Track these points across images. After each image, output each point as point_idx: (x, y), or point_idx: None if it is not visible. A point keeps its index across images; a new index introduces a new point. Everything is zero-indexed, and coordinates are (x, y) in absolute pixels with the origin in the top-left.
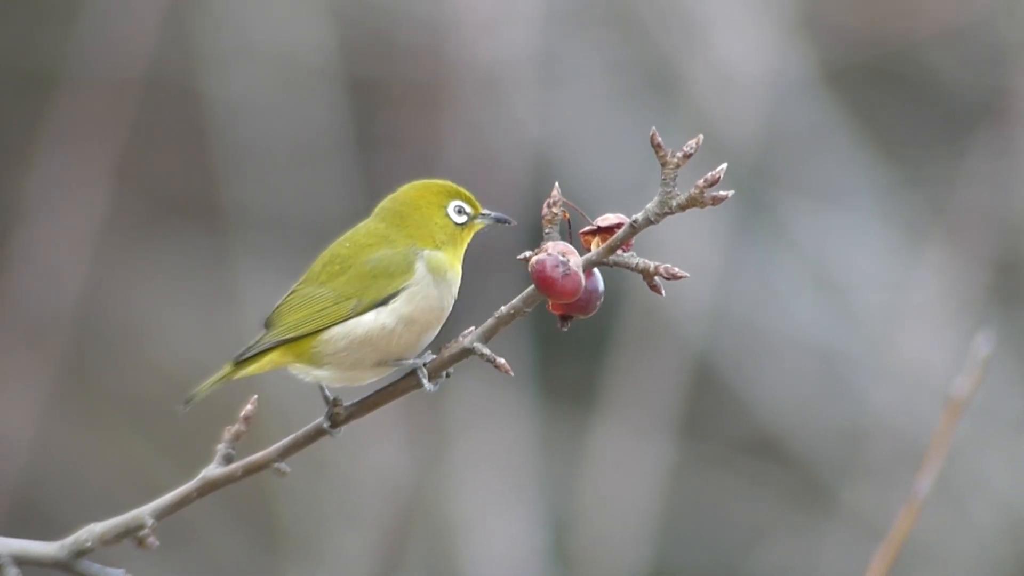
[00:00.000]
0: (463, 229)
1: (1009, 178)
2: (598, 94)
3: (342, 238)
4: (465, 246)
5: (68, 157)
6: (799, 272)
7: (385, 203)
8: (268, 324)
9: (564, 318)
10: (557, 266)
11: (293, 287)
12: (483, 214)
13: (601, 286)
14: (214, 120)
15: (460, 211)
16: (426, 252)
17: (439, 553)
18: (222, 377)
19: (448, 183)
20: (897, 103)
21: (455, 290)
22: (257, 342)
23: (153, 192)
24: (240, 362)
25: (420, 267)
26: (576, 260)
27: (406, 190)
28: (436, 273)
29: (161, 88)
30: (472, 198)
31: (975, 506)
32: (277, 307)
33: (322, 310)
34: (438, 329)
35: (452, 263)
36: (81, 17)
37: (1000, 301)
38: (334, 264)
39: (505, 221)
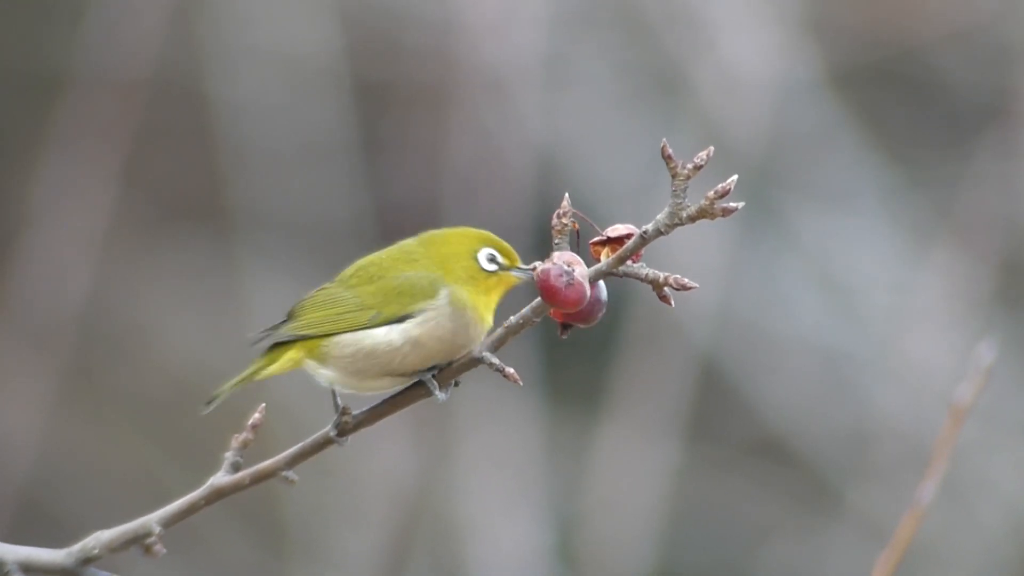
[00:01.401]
0: (490, 276)
1: (1015, 180)
2: (605, 97)
3: (384, 250)
4: (496, 296)
5: (74, 159)
6: (805, 274)
7: (429, 232)
8: (290, 316)
9: (564, 326)
10: (561, 275)
11: (324, 285)
12: (518, 268)
13: (604, 296)
14: (220, 122)
15: (492, 259)
16: (451, 285)
17: (445, 555)
18: (245, 377)
19: (487, 232)
20: (903, 105)
21: (472, 333)
22: (276, 330)
23: (159, 194)
24: (261, 359)
25: (443, 296)
26: (581, 270)
27: (449, 231)
28: (456, 307)
29: (167, 90)
30: (510, 251)
31: (981, 508)
32: (302, 300)
33: (342, 314)
34: (446, 361)
35: (476, 306)
36: (87, 19)
37: (1006, 303)
38: (366, 271)
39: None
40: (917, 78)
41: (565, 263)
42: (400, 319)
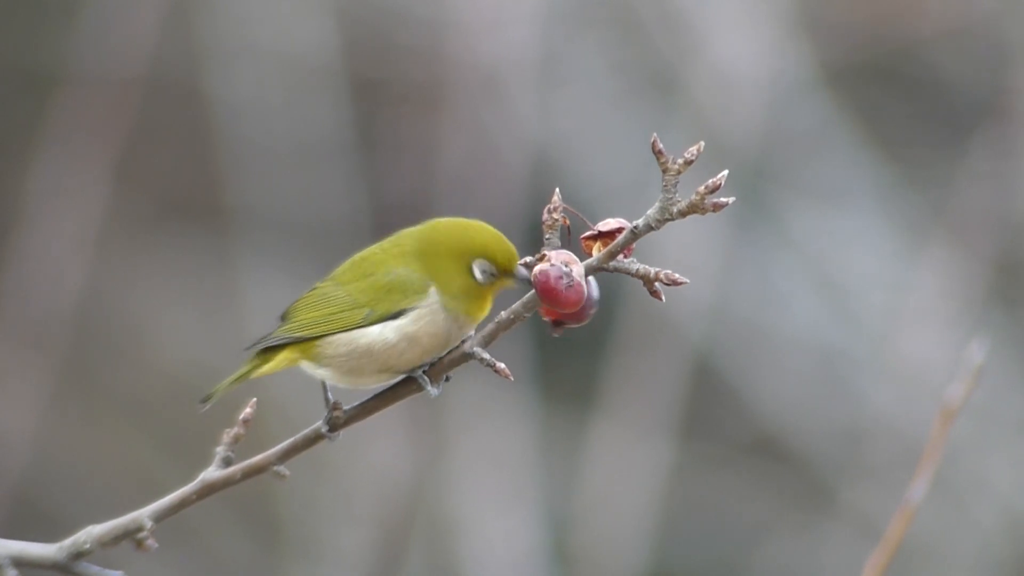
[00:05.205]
0: (483, 287)
1: (1011, 178)
2: (599, 95)
3: (379, 243)
4: (488, 299)
5: (69, 157)
6: (800, 272)
7: (426, 228)
8: (284, 317)
9: (556, 324)
10: (561, 277)
11: (316, 283)
12: (512, 274)
13: (596, 294)
14: (216, 120)
15: (484, 271)
16: (443, 294)
17: (439, 553)
18: (240, 376)
19: (485, 236)
20: (899, 103)
21: (466, 328)
22: (271, 335)
23: (155, 192)
24: (256, 358)
25: (433, 293)
26: (579, 270)
27: (442, 228)
28: (447, 307)
29: (163, 88)
30: (506, 254)
31: (977, 507)
32: (296, 301)
33: (334, 313)
34: (442, 353)
35: (469, 311)
36: (82, 16)
37: (1001, 302)
38: (359, 267)
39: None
40: (913, 76)
41: (563, 263)
42: (393, 316)
